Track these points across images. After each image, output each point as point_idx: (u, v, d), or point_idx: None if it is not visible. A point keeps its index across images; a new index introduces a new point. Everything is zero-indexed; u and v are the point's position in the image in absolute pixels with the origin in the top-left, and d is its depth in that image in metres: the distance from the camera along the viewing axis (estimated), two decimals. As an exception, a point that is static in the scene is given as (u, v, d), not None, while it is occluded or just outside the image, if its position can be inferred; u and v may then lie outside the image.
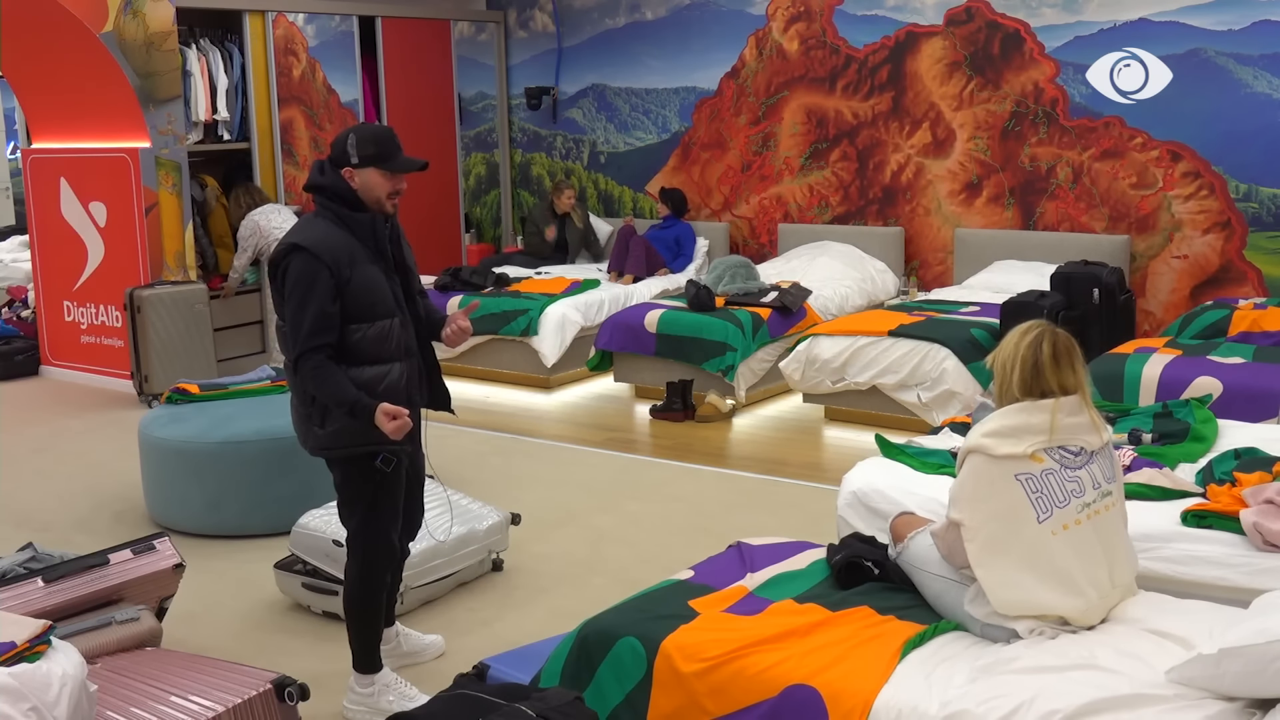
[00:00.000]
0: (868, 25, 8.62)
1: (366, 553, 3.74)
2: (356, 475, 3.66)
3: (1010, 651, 2.94)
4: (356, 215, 3.57)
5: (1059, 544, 2.99)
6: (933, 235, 8.60)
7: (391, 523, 3.76)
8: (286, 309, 3.52)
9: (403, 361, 3.65)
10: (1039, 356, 3.04)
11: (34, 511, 5.79)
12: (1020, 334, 3.10)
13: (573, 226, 9.52)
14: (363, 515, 3.71)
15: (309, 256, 3.47)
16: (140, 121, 7.95)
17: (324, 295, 3.46)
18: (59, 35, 7.83)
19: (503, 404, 7.77)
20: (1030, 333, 3.09)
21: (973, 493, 3.04)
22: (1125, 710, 2.65)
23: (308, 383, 3.52)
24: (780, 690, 2.91)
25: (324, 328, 3.47)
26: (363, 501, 3.69)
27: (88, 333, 8.52)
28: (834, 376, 6.84)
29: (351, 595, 3.77)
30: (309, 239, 3.51)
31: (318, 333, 3.47)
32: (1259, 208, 7.40)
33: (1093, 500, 3.04)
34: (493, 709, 2.68)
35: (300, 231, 3.55)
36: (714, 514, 5.56)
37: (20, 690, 2.71)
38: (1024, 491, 2.98)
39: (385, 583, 3.83)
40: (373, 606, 3.78)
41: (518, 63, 10.45)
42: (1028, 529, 2.97)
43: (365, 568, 3.75)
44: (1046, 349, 3.04)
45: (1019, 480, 2.98)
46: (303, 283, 3.47)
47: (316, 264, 3.46)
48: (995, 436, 3.01)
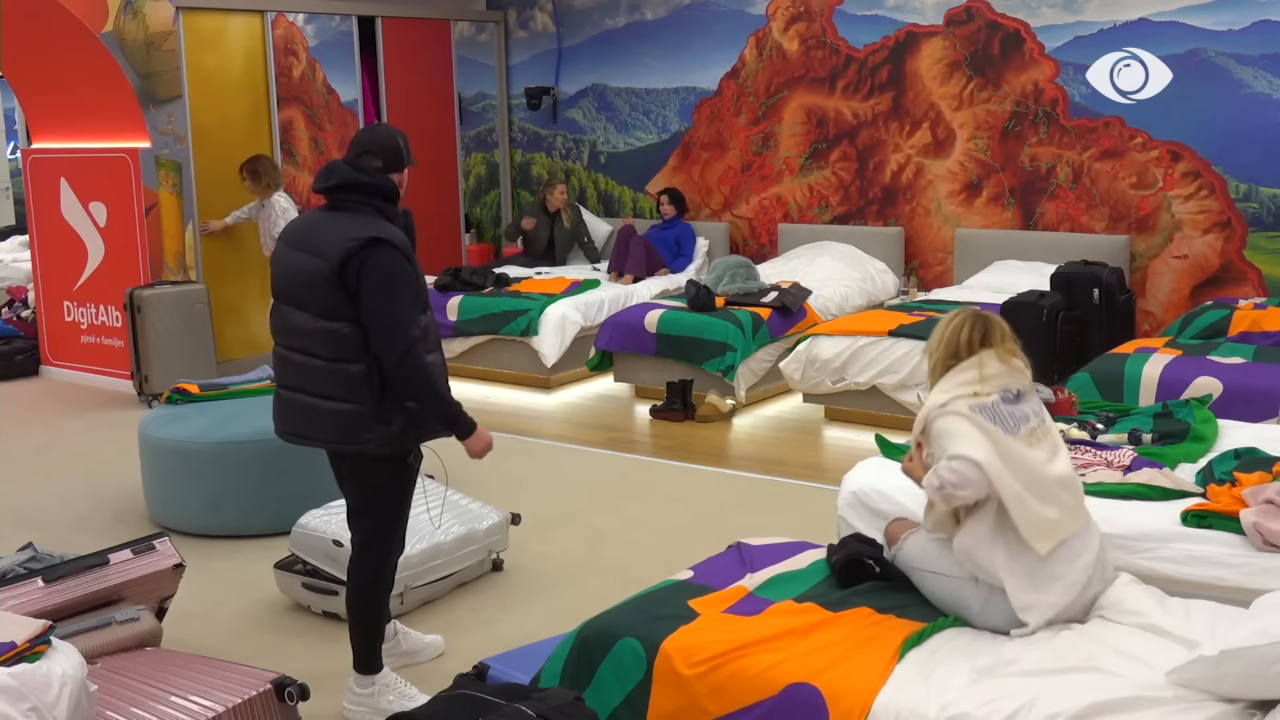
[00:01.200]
0: (868, 25, 8.62)
1: (383, 556, 3.74)
2: (395, 477, 3.64)
3: (1010, 653, 2.94)
4: (397, 211, 3.57)
5: (1032, 455, 3.18)
6: (933, 235, 8.60)
7: (403, 525, 3.79)
8: (377, 303, 3.37)
9: (439, 353, 3.64)
10: (958, 339, 3.32)
11: (34, 511, 5.79)
12: (945, 322, 3.38)
13: (561, 226, 9.50)
14: (387, 517, 3.70)
15: (393, 249, 3.41)
16: (140, 121, 7.95)
17: (411, 288, 3.42)
18: (59, 35, 7.83)
19: (503, 404, 7.77)
20: (953, 320, 3.37)
21: (953, 438, 3.16)
22: (1126, 712, 2.65)
23: (420, 378, 3.41)
24: (780, 689, 2.92)
25: (415, 320, 3.44)
26: (392, 503, 3.69)
27: (88, 333, 8.52)
28: (834, 376, 6.84)
29: (360, 598, 3.76)
30: (386, 232, 3.43)
31: (413, 325, 3.41)
32: (1259, 208, 7.40)
33: (1036, 426, 3.25)
34: (493, 709, 2.68)
35: (368, 227, 3.43)
36: (714, 514, 5.56)
37: (20, 690, 2.71)
38: (986, 420, 3.18)
39: (392, 585, 3.84)
40: (380, 609, 3.79)
41: (518, 63, 10.46)
42: (1007, 443, 3.15)
43: (379, 571, 3.75)
44: (964, 335, 3.32)
45: (977, 412, 3.18)
46: (396, 276, 3.39)
47: (400, 257, 3.42)
48: (944, 394, 3.25)
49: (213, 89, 8.36)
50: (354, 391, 3.46)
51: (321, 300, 3.43)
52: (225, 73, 8.45)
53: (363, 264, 3.37)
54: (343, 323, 3.43)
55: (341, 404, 3.49)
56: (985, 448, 3.11)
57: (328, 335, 3.45)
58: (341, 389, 3.47)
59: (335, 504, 4.68)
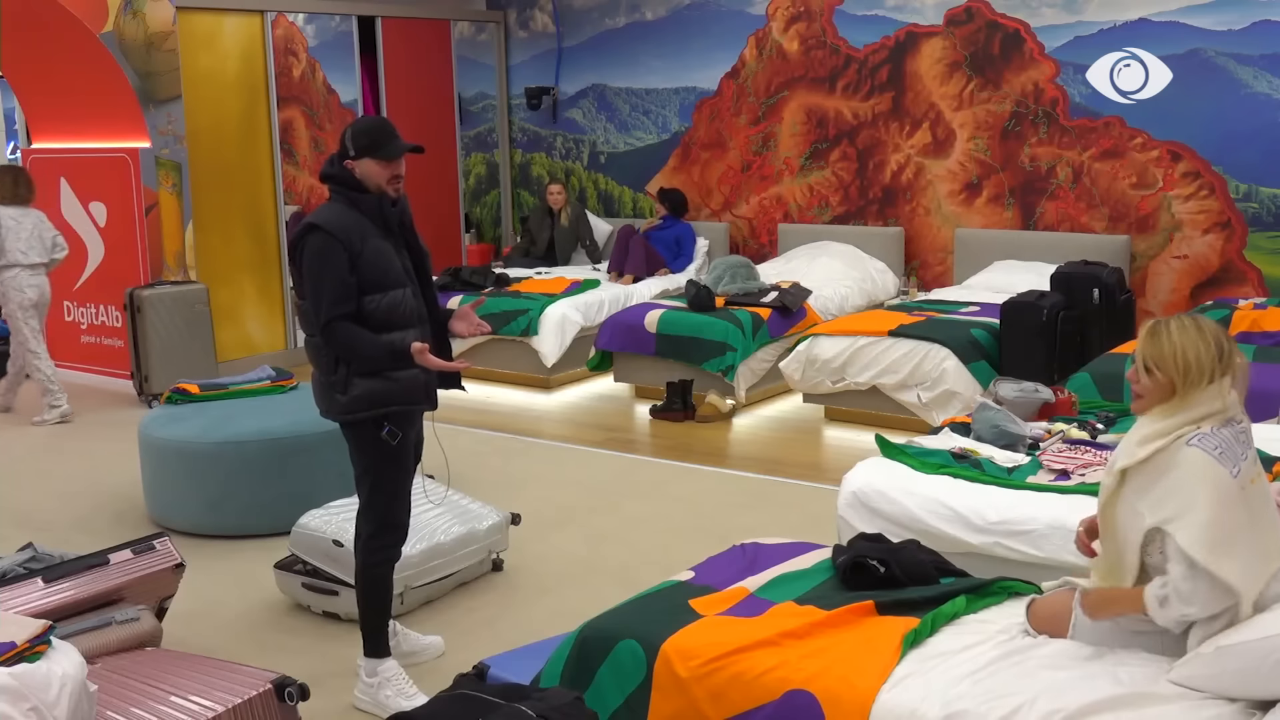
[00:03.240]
0: (868, 25, 8.62)
1: (373, 524, 3.83)
2: (369, 445, 3.78)
3: (1011, 651, 2.93)
4: (364, 197, 3.77)
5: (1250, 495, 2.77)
6: (933, 235, 8.60)
7: (398, 500, 3.86)
8: (307, 285, 3.72)
9: (416, 328, 3.82)
10: (1221, 343, 2.89)
11: (34, 511, 5.79)
12: (1192, 328, 2.91)
13: (559, 226, 9.50)
14: (371, 487, 3.81)
15: (324, 234, 3.68)
16: (140, 121, 7.95)
17: (340, 267, 3.67)
18: (59, 35, 7.83)
19: (503, 404, 7.77)
20: (1198, 325, 2.91)
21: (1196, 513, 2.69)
22: (1126, 710, 2.64)
23: (339, 346, 3.70)
24: (780, 695, 2.90)
25: (344, 296, 3.67)
26: (372, 472, 3.81)
27: (88, 333, 8.52)
28: (834, 376, 6.84)
29: (356, 572, 3.88)
30: (322, 219, 3.72)
31: (339, 301, 3.66)
32: (1259, 208, 7.40)
33: (1253, 462, 2.86)
34: (493, 709, 2.68)
35: (316, 214, 3.76)
36: (714, 514, 5.56)
37: (20, 690, 2.71)
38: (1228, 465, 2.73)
39: (392, 559, 3.89)
40: (378, 584, 3.85)
41: (518, 63, 10.45)
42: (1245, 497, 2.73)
43: (372, 540, 3.83)
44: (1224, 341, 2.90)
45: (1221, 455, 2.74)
46: (320, 258, 3.68)
47: (330, 240, 3.68)
48: (1216, 451, 2.76)
49: (212, 89, 8.37)
50: (319, 364, 3.81)
51: (297, 282, 3.82)
52: (225, 73, 8.45)
53: (301, 250, 3.73)
54: (306, 301, 3.78)
55: (319, 375, 3.84)
56: (1244, 548, 2.65)
57: (303, 313, 3.82)
58: (315, 361, 3.84)
59: (335, 504, 4.69)
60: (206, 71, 8.32)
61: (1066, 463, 4.39)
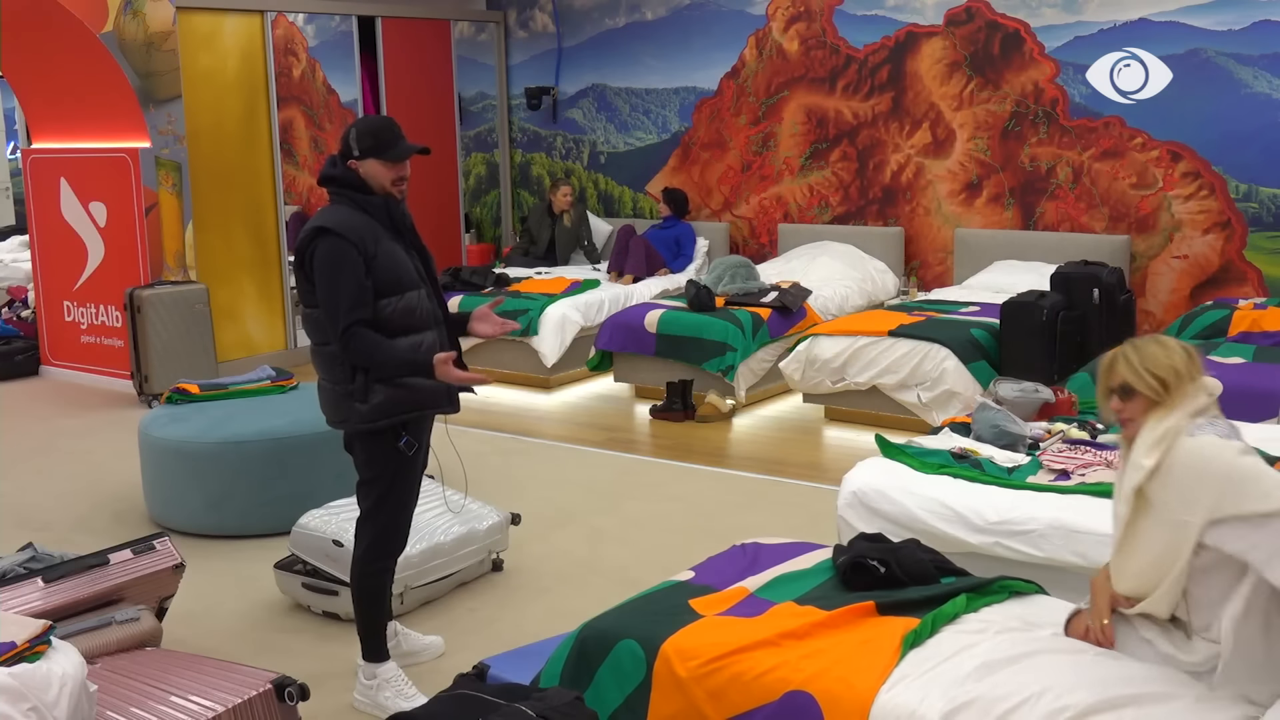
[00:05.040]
0: (868, 25, 8.62)
1: (377, 534, 3.79)
2: (382, 455, 3.72)
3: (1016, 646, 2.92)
4: (370, 198, 3.68)
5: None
6: (933, 235, 8.60)
7: (404, 510, 3.83)
8: (319, 291, 3.59)
9: (433, 330, 3.75)
10: (1185, 345, 2.97)
11: (34, 511, 5.79)
12: (1148, 343, 2.96)
13: (562, 227, 9.50)
14: (377, 498, 3.76)
15: (335, 237, 3.57)
16: (140, 121, 7.95)
17: (356, 270, 3.56)
18: (59, 35, 7.83)
19: (503, 404, 7.77)
20: (1154, 342, 2.97)
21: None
22: (1130, 708, 2.64)
23: (357, 354, 3.57)
24: (780, 696, 2.90)
25: (361, 301, 3.56)
26: (383, 482, 3.75)
27: (88, 333, 8.52)
28: (834, 376, 6.84)
29: (353, 575, 3.84)
30: (332, 221, 3.61)
31: (356, 306, 3.55)
32: (1259, 208, 7.40)
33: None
34: (493, 709, 2.68)
35: (322, 217, 3.66)
36: (714, 514, 5.56)
37: (20, 690, 2.71)
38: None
39: (390, 566, 3.87)
40: (376, 589, 3.83)
41: (518, 63, 10.45)
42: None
43: (372, 548, 3.79)
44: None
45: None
46: (333, 262, 3.57)
47: (343, 243, 3.57)
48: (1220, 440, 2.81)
49: (212, 89, 8.37)
50: (333, 372, 3.68)
51: (303, 289, 3.69)
52: (225, 72, 8.46)
53: (311, 254, 3.60)
54: (314, 308, 3.67)
55: (330, 384, 3.72)
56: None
57: (311, 321, 3.70)
58: (326, 370, 3.71)
59: (335, 504, 4.69)
60: (206, 71, 8.32)
61: (1066, 463, 4.40)
